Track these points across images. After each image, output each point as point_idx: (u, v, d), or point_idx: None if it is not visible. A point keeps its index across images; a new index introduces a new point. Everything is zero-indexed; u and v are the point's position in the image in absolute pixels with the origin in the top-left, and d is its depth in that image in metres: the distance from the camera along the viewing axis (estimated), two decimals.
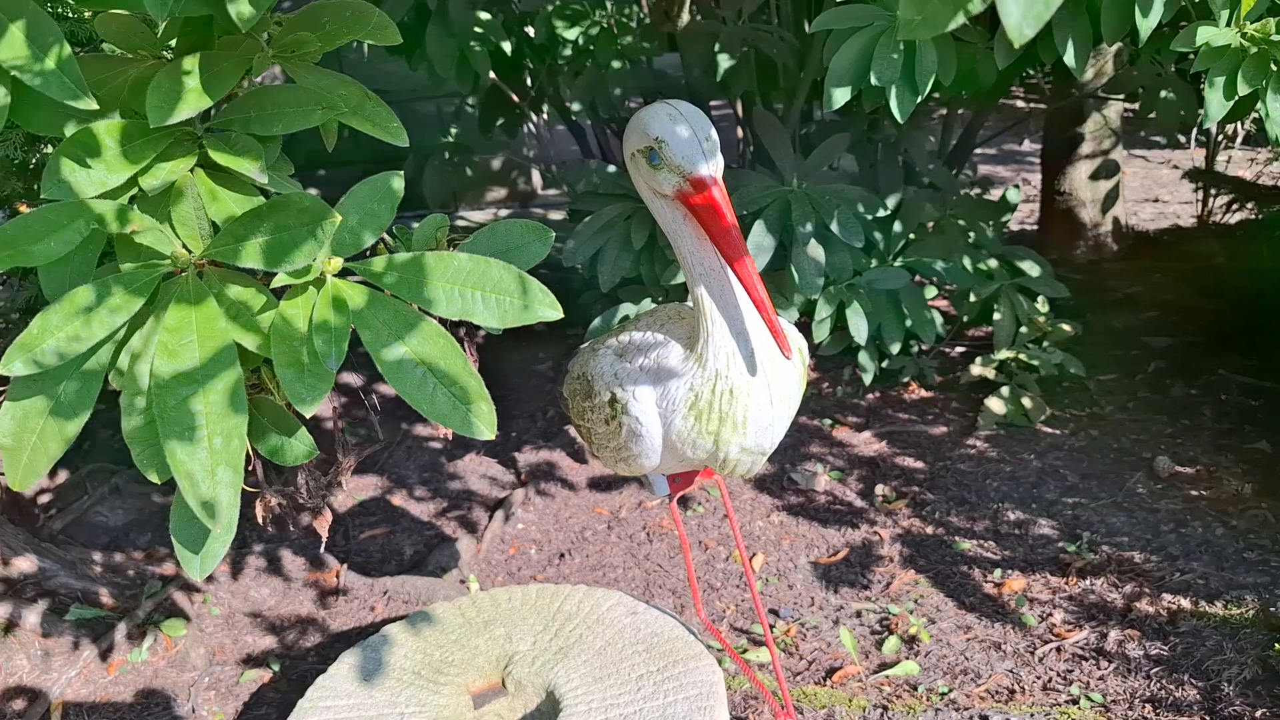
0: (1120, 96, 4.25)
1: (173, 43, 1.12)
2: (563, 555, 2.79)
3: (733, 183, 2.93)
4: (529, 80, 4.11)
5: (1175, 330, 3.83)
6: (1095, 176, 4.58)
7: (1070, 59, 2.11)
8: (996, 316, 3.35)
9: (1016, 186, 3.81)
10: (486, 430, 0.97)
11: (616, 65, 3.64)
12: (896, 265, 3.29)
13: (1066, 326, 3.33)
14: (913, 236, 3.39)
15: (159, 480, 0.99)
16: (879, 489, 2.95)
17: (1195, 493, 2.76)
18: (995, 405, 3.21)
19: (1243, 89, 1.86)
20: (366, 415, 3.58)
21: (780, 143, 3.09)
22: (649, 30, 3.71)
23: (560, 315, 0.99)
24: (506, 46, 3.47)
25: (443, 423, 0.97)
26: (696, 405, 1.40)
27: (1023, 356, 3.30)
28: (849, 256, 3.08)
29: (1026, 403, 3.21)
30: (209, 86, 1.01)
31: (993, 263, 3.44)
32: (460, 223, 6.01)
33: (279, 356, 0.96)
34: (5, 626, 2.39)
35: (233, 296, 1.01)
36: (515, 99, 4.02)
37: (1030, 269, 3.45)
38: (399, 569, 2.80)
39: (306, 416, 0.97)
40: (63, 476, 3.04)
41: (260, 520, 1.35)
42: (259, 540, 2.87)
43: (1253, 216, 4.38)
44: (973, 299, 3.41)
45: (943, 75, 2.06)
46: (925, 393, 3.52)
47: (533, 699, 1.88)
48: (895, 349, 3.25)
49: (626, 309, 3.07)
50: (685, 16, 3.52)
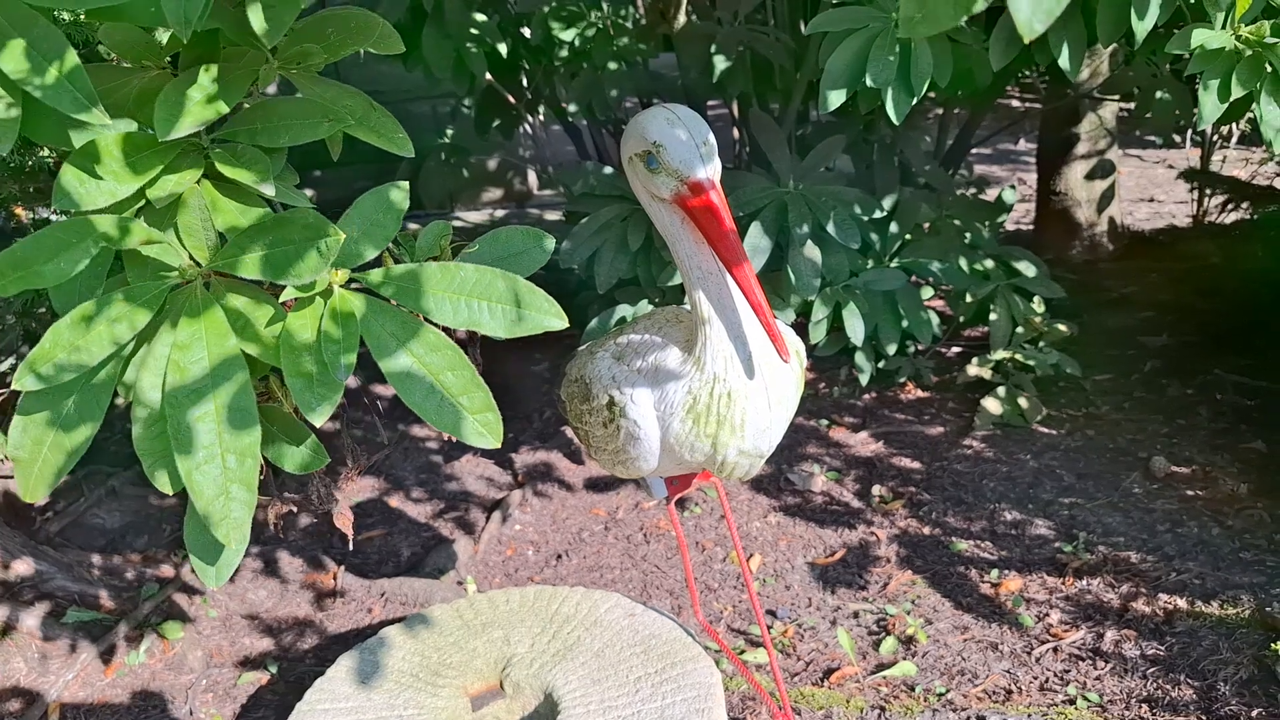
0: (1116, 97, 4.26)
1: (178, 54, 1.12)
2: (560, 557, 2.80)
3: (729, 184, 2.93)
4: (525, 81, 4.11)
5: (1171, 330, 3.84)
6: (1091, 176, 4.59)
7: (1065, 61, 2.12)
8: (993, 317, 3.35)
9: (1012, 187, 3.82)
10: (492, 439, 0.99)
11: (613, 66, 3.64)
12: (893, 266, 3.30)
13: (1062, 326, 3.34)
14: (909, 237, 3.39)
15: (170, 490, 1.01)
16: (876, 489, 2.96)
17: (1191, 492, 2.76)
18: (991, 405, 3.22)
19: (1237, 91, 1.87)
20: (363, 416, 3.58)
21: (776, 144, 3.09)
22: (645, 31, 3.71)
23: (566, 324, 1.01)
24: (502, 48, 3.47)
25: (449, 431, 0.99)
26: (694, 408, 1.41)
27: (1019, 357, 3.31)
28: (845, 257, 3.08)
29: (1023, 403, 3.22)
30: (215, 100, 1.01)
31: (989, 263, 3.44)
32: (457, 224, 6.00)
33: (288, 367, 0.97)
34: (3, 629, 2.39)
35: (240, 308, 1.02)
36: (511, 100, 4.02)
37: (1026, 269, 3.45)
38: (396, 571, 2.80)
39: (317, 426, 0.98)
40: (60, 479, 3.04)
41: (272, 526, 1.35)
42: (256, 542, 2.87)
43: (1248, 216, 4.39)
44: (969, 299, 3.42)
45: (938, 76, 2.06)
46: (922, 393, 3.52)
47: (531, 701, 1.88)
48: (892, 349, 3.26)
49: (623, 310, 3.07)
50: (681, 18, 3.53)
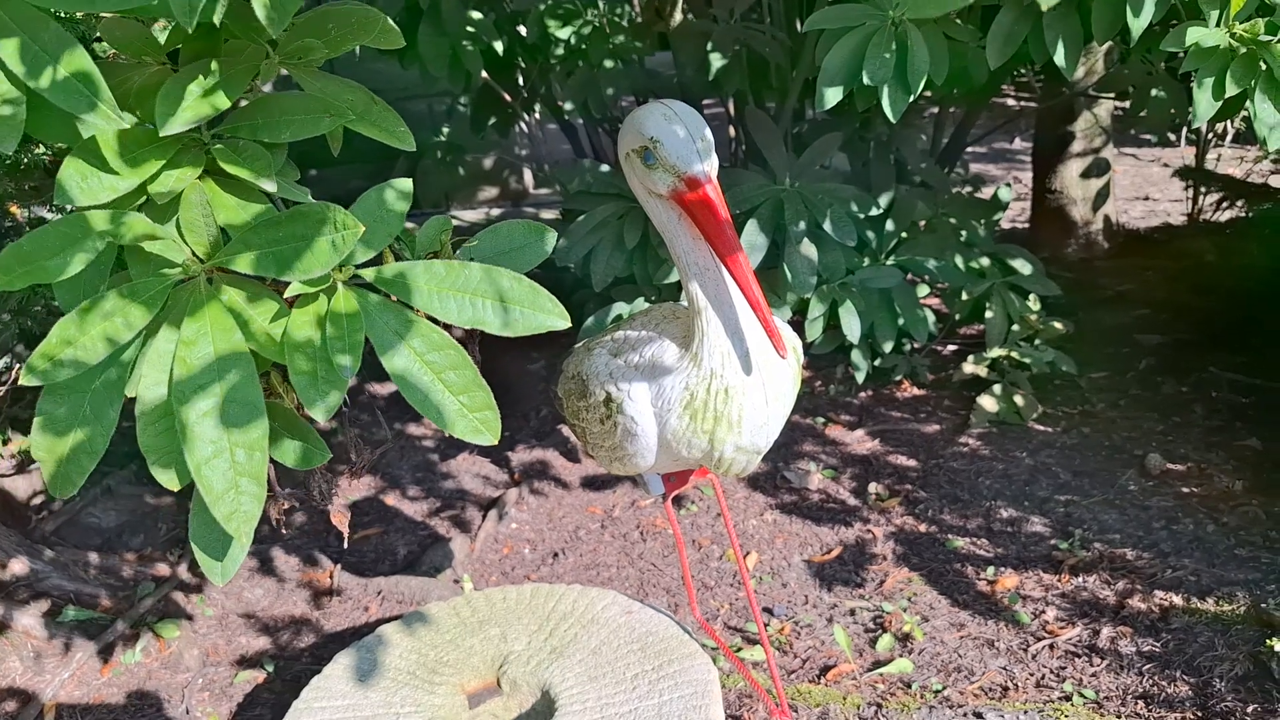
0: (1111, 95, 4.27)
1: (177, 47, 1.12)
2: (556, 555, 2.80)
3: (726, 182, 2.93)
4: (521, 79, 4.11)
5: (1166, 328, 3.85)
6: (1086, 175, 4.60)
7: (1060, 59, 2.12)
8: (988, 315, 3.36)
9: (1008, 185, 3.83)
10: (490, 437, 1.00)
11: (609, 64, 3.64)
12: (889, 264, 3.30)
13: (1058, 324, 3.34)
14: (905, 235, 3.40)
15: (176, 486, 1.01)
16: (872, 487, 2.96)
17: (1186, 490, 2.77)
18: (987, 403, 3.23)
19: (1231, 89, 1.87)
20: (359, 415, 3.57)
21: (773, 142, 3.09)
22: (641, 29, 3.71)
23: (569, 324, 1.01)
24: (498, 46, 3.47)
25: (448, 429, 0.99)
26: (692, 404, 1.41)
27: (1015, 354, 3.31)
28: (841, 255, 3.08)
29: (1018, 400, 3.22)
30: (216, 94, 1.01)
31: (984, 261, 3.45)
32: (453, 222, 6.00)
33: (292, 364, 0.97)
34: None
35: (242, 304, 1.02)
36: (507, 98, 4.01)
37: (1022, 267, 3.46)
38: (393, 569, 2.80)
39: (322, 422, 0.98)
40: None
41: (274, 523, 1.35)
42: (253, 540, 2.86)
43: (1243, 214, 4.40)
44: (965, 297, 3.42)
45: (935, 74, 2.07)
46: (918, 391, 3.52)
47: (528, 699, 1.88)
48: (888, 347, 3.26)
49: (620, 308, 3.07)
50: (678, 15, 3.53)
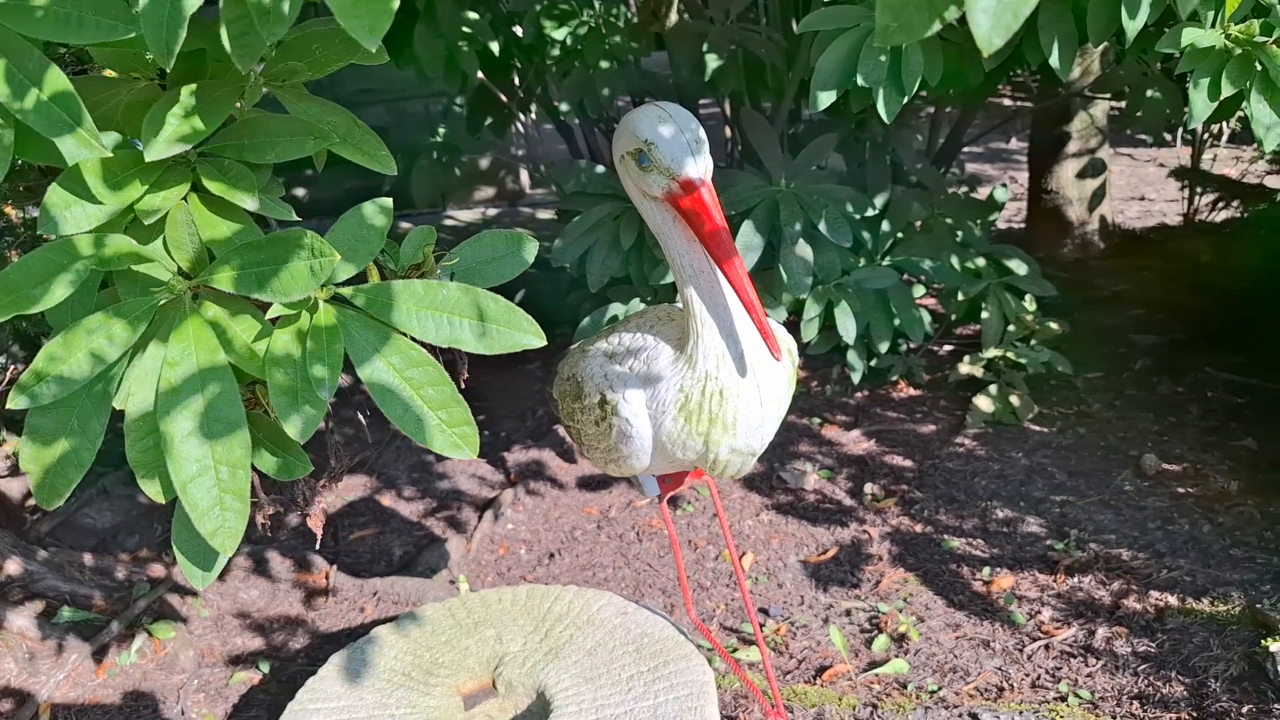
0: (1107, 95, 4.27)
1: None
2: (552, 555, 2.79)
3: (721, 182, 2.93)
4: (517, 80, 4.11)
5: (1162, 328, 3.86)
6: (1082, 175, 4.60)
7: (1055, 60, 2.12)
8: (984, 315, 3.36)
9: (1004, 185, 3.83)
10: (469, 451, 1.02)
11: (604, 65, 3.64)
12: (884, 264, 3.30)
13: (1054, 325, 3.34)
14: (900, 235, 3.40)
15: (163, 500, 1.03)
16: (868, 487, 2.96)
17: (1182, 490, 2.77)
18: (983, 403, 3.23)
19: (1227, 90, 1.87)
20: (353, 414, 3.57)
21: (768, 142, 3.09)
22: (637, 30, 3.71)
23: (544, 343, 1.04)
24: (494, 46, 3.47)
25: (428, 443, 1.01)
26: (686, 406, 1.41)
27: (1010, 355, 3.32)
28: (837, 256, 3.09)
29: (1014, 401, 3.22)
30: (203, 117, 1.03)
31: (980, 261, 3.45)
32: (448, 222, 6.00)
33: (272, 381, 0.99)
34: None
35: (226, 321, 1.03)
36: (503, 98, 4.01)
37: (1018, 267, 3.46)
38: (388, 570, 2.80)
39: (300, 442, 0.99)
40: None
41: (260, 526, 1.35)
42: (248, 541, 2.86)
43: (1238, 214, 4.41)
44: (960, 297, 3.42)
45: (929, 76, 2.06)
46: (914, 391, 3.53)
47: (523, 700, 1.88)
48: (884, 348, 3.26)
49: (615, 309, 3.07)
50: (673, 16, 3.52)
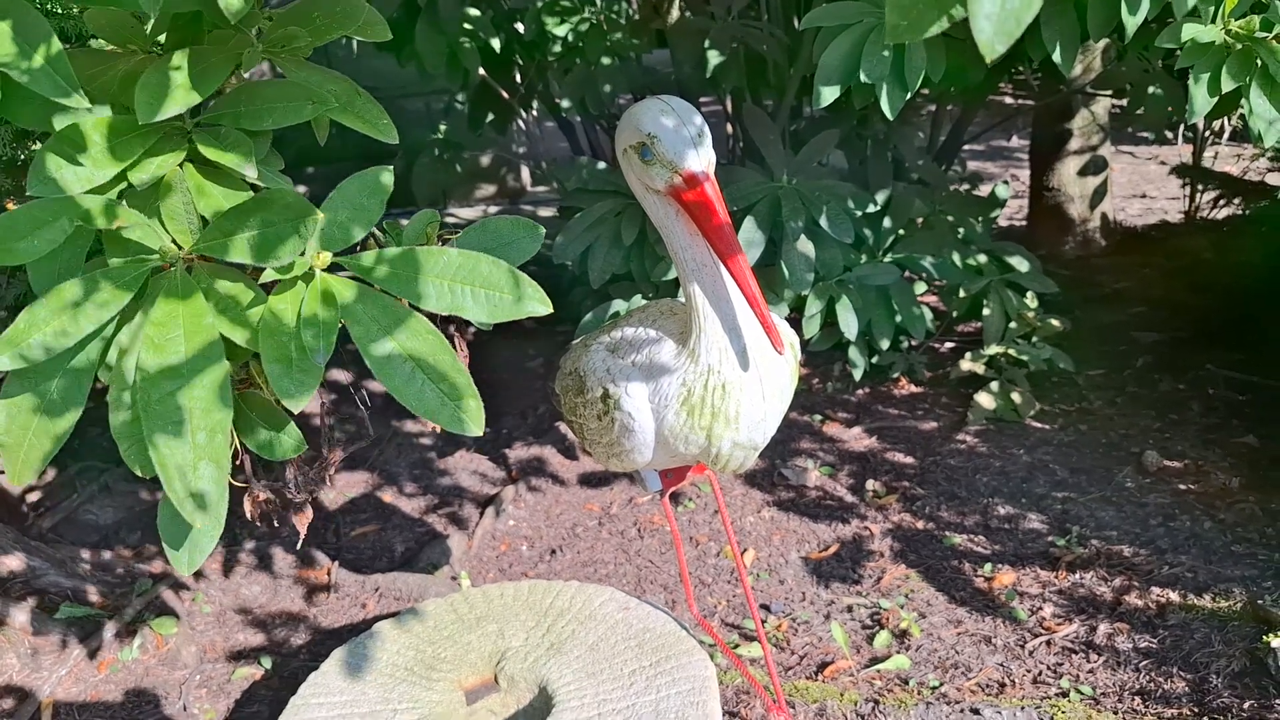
0: (1108, 92, 4.27)
1: (163, 37, 1.11)
2: (554, 551, 2.80)
3: (723, 179, 2.93)
4: (518, 77, 4.10)
5: (1163, 325, 3.85)
6: (1083, 172, 4.60)
7: (1057, 56, 2.12)
8: (986, 312, 3.36)
9: (1005, 182, 3.83)
10: (474, 426, 0.97)
11: (606, 62, 3.64)
12: (886, 261, 3.30)
13: (1055, 322, 3.34)
14: (902, 232, 3.40)
15: (145, 475, 0.99)
16: (869, 484, 2.96)
17: (1183, 486, 2.77)
18: (985, 400, 3.23)
19: (1227, 85, 1.87)
20: (355, 412, 3.57)
21: (770, 139, 3.09)
22: (638, 27, 3.71)
23: (550, 310, 0.99)
24: (496, 43, 3.47)
25: (431, 418, 0.97)
26: (689, 400, 1.41)
27: (1012, 352, 3.32)
28: (839, 252, 3.08)
29: (1016, 398, 3.22)
30: (198, 82, 1.00)
31: (982, 258, 3.45)
32: (450, 220, 6.00)
33: (267, 352, 0.96)
34: None
35: (221, 291, 1.01)
36: (505, 95, 4.01)
37: (1019, 264, 3.46)
38: (390, 566, 2.80)
39: (295, 412, 0.97)
40: (52, 475, 3.03)
41: (250, 516, 1.35)
42: (250, 537, 2.87)
43: (1240, 212, 4.41)
44: (962, 294, 3.42)
45: (932, 72, 2.06)
46: (915, 388, 3.53)
47: (525, 695, 1.88)
48: (885, 344, 3.26)
49: (617, 305, 3.07)
50: (675, 13, 3.52)
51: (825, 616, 2.42)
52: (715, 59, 3.25)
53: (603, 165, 3.27)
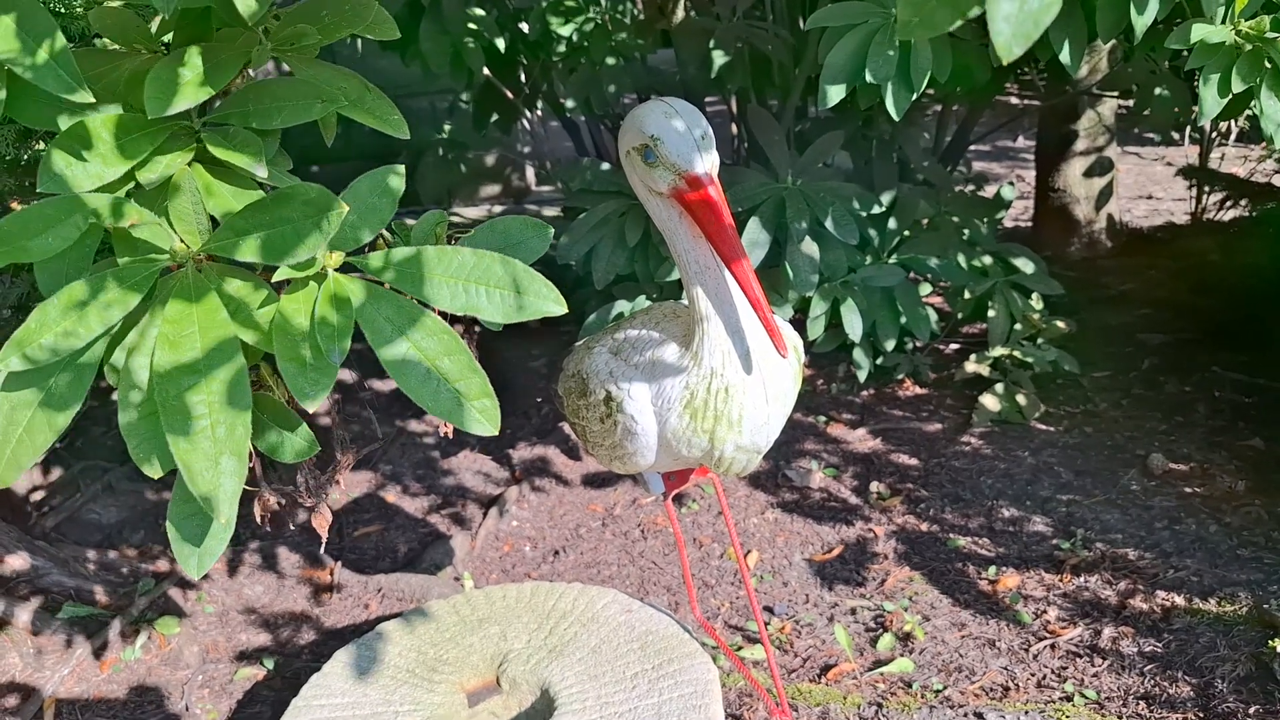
0: (1115, 93, 4.26)
1: (169, 36, 1.11)
2: (557, 553, 2.79)
3: (727, 179, 2.92)
4: (523, 77, 4.10)
5: (1169, 327, 3.84)
6: (1089, 173, 4.59)
7: (1065, 56, 2.11)
8: (991, 313, 3.35)
9: (1011, 183, 3.82)
10: (489, 426, 0.97)
11: (611, 62, 3.64)
12: (891, 262, 3.29)
13: (1061, 323, 3.33)
14: (907, 233, 3.39)
15: (158, 474, 0.99)
16: (873, 486, 2.95)
17: (1189, 489, 2.76)
18: (989, 402, 3.22)
19: (1237, 86, 1.86)
20: (360, 411, 3.57)
21: (775, 139, 3.08)
22: (643, 27, 3.70)
23: (565, 310, 0.99)
24: (500, 43, 3.46)
25: (446, 419, 0.97)
26: (692, 403, 1.40)
27: (1017, 353, 3.31)
28: (843, 253, 3.08)
29: (1021, 400, 3.21)
30: (207, 79, 1.00)
31: (987, 260, 3.44)
32: (455, 219, 5.98)
33: (281, 352, 0.95)
34: None
35: (232, 292, 1.00)
36: (509, 95, 4.01)
37: (1025, 266, 3.45)
38: (393, 566, 2.80)
39: (310, 411, 0.97)
40: (55, 474, 3.03)
41: (259, 519, 1.34)
42: (253, 537, 2.87)
43: (1247, 214, 4.39)
44: (967, 296, 3.41)
45: (938, 72, 2.06)
46: (920, 390, 3.52)
47: (527, 697, 1.88)
48: (890, 346, 3.25)
49: (621, 306, 3.07)
50: (680, 13, 3.52)
51: (829, 619, 2.41)
52: (720, 59, 3.24)
53: (607, 166, 3.26)
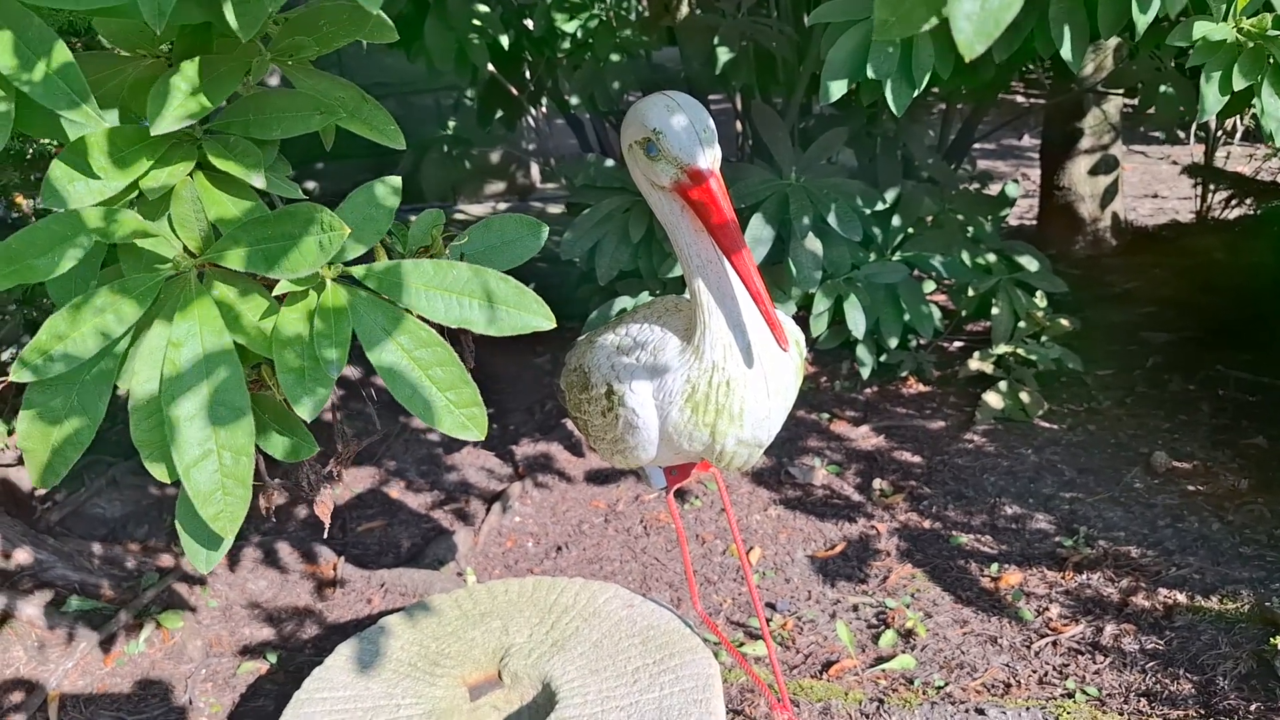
0: (1119, 91, 4.25)
1: (172, 41, 1.12)
2: (560, 548, 2.80)
3: (731, 176, 2.93)
4: (528, 73, 4.10)
5: (1173, 325, 3.84)
6: (1094, 172, 4.58)
7: (1067, 53, 2.11)
8: (995, 311, 3.35)
9: (1015, 181, 3.82)
10: (476, 434, 1.01)
11: (615, 58, 3.64)
12: (895, 259, 3.29)
13: (1064, 321, 3.33)
14: (911, 230, 3.39)
15: (168, 480, 1.02)
16: (876, 483, 2.95)
17: (1192, 488, 2.76)
18: (993, 400, 3.22)
19: (1238, 83, 1.86)
20: (363, 407, 3.58)
21: (779, 136, 3.08)
22: (648, 23, 3.70)
23: (554, 325, 1.03)
24: (505, 39, 3.46)
25: (435, 425, 1.00)
26: (693, 397, 1.41)
27: (1021, 351, 3.30)
28: (847, 250, 3.08)
29: (1024, 397, 3.21)
30: (208, 92, 1.01)
31: (991, 257, 3.44)
32: (459, 216, 6.00)
33: (280, 361, 0.98)
34: (2, 618, 2.39)
35: (232, 300, 1.03)
36: (514, 92, 4.01)
37: (1029, 264, 3.45)
38: (396, 561, 2.80)
39: (308, 420, 0.99)
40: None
41: (264, 512, 1.36)
42: (257, 531, 2.88)
43: (1251, 212, 4.38)
44: (971, 293, 3.41)
45: (940, 69, 2.05)
46: (923, 387, 3.52)
47: (529, 691, 1.88)
48: (893, 343, 3.26)
49: (624, 301, 3.07)
50: (684, 10, 3.52)
51: (831, 615, 2.42)
52: (724, 56, 3.24)
53: (611, 162, 3.27)
